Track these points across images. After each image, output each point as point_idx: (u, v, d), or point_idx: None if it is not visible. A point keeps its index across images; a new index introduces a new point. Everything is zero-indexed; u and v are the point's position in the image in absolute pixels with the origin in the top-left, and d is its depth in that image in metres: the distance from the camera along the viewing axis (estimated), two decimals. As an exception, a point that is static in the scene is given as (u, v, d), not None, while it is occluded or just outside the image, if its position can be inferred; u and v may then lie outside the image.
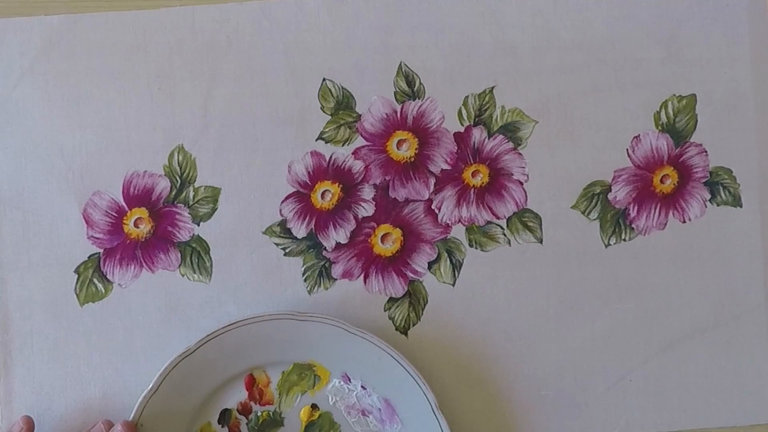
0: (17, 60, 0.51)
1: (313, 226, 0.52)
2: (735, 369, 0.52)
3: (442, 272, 0.52)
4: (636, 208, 0.52)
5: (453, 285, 0.52)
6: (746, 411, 0.52)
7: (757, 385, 0.52)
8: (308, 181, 0.52)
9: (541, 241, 0.52)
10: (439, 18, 0.52)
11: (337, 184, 0.52)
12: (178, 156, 0.51)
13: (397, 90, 0.52)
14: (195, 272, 0.51)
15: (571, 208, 0.52)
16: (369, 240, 0.52)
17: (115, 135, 0.51)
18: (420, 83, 0.52)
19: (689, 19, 0.53)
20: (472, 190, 0.52)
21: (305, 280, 0.51)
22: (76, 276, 0.51)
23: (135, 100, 0.51)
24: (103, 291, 0.51)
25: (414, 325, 0.51)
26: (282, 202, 0.51)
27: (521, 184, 0.52)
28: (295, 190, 0.52)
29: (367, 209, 0.52)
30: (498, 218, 0.52)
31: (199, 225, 0.51)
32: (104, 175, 0.51)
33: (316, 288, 0.51)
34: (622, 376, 0.52)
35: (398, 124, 0.52)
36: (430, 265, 0.52)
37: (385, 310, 0.51)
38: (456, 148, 0.52)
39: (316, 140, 0.52)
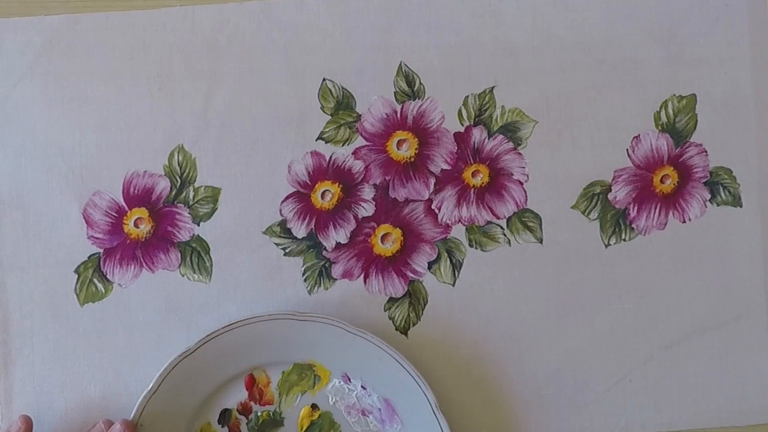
0: (17, 60, 0.51)
1: (313, 226, 0.52)
2: (735, 369, 0.52)
3: (442, 272, 0.52)
4: (636, 208, 0.52)
5: (453, 285, 0.52)
6: (746, 411, 0.52)
7: (757, 385, 0.52)
8: (308, 181, 0.52)
9: (541, 241, 0.52)
10: (439, 18, 0.52)
11: (337, 184, 0.52)
12: (178, 156, 0.51)
13: (397, 90, 0.52)
14: (195, 272, 0.51)
15: (571, 208, 0.52)
16: (369, 240, 0.52)
17: (115, 135, 0.51)
18: (420, 83, 0.52)
19: (689, 19, 0.53)
20: (472, 190, 0.52)
21: (305, 280, 0.51)
22: (76, 276, 0.51)
23: (135, 100, 0.51)
24: (103, 291, 0.51)
25: (414, 325, 0.51)
26: (282, 202, 0.51)
27: (521, 184, 0.52)
28: (295, 190, 0.52)
29: (367, 209, 0.52)
30: (498, 218, 0.52)
31: (199, 225, 0.51)
32: (104, 175, 0.51)
33: (316, 288, 0.51)
34: (622, 376, 0.52)
35: (398, 124, 0.52)
36: (430, 265, 0.52)
37: (385, 310, 0.51)
38: (456, 148, 0.52)
39: (316, 140, 0.52)
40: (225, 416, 0.50)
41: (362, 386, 0.50)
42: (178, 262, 0.51)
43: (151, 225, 0.51)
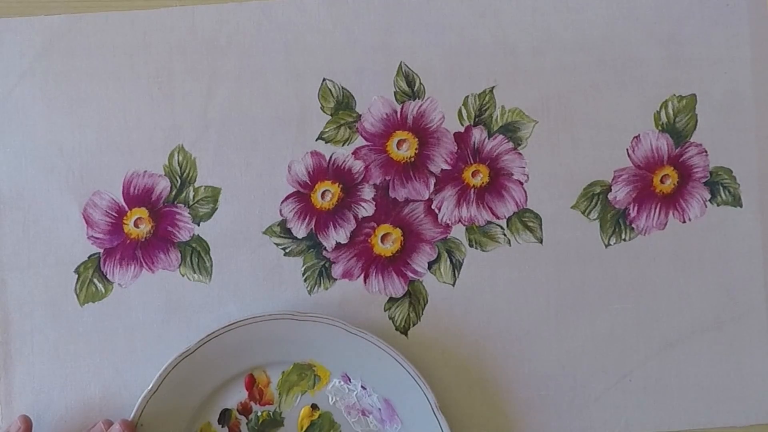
0: (17, 60, 0.51)
1: (313, 226, 0.52)
2: (735, 369, 0.52)
3: (442, 272, 0.52)
4: (636, 208, 0.52)
5: (453, 285, 0.52)
6: (746, 411, 0.52)
7: (757, 385, 0.52)
8: (308, 181, 0.52)
9: (541, 241, 0.52)
10: (439, 18, 0.52)
11: (337, 184, 0.52)
12: (178, 156, 0.51)
13: (397, 90, 0.52)
14: (195, 272, 0.51)
15: (571, 208, 0.52)
16: (369, 240, 0.52)
17: (115, 135, 0.51)
18: (420, 83, 0.52)
19: (689, 19, 0.53)
20: (472, 190, 0.52)
21: (305, 280, 0.51)
22: (76, 276, 0.51)
23: (135, 100, 0.51)
24: (103, 291, 0.51)
25: (414, 325, 0.51)
26: (282, 202, 0.51)
27: (521, 184, 0.52)
28: (295, 190, 0.52)
29: (367, 209, 0.52)
30: (498, 218, 0.52)
31: (199, 225, 0.51)
32: (104, 175, 0.51)
33: (316, 288, 0.51)
34: (622, 376, 0.52)
35: (398, 124, 0.52)
36: (430, 265, 0.52)
37: (385, 310, 0.51)
38: (456, 148, 0.52)
39: (316, 140, 0.52)
40: (225, 416, 0.50)
41: (362, 386, 0.50)
42: (178, 262, 0.51)
43: (151, 225, 0.51)
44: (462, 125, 0.52)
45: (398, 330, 0.51)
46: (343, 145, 0.52)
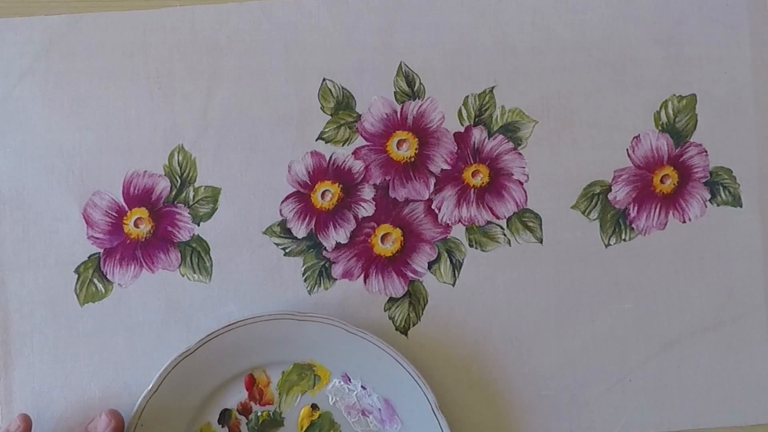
0: (17, 60, 0.51)
1: (313, 226, 0.52)
2: (735, 369, 0.52)
3: (442, 272, 0.52)
4: (636, 208, 0.52)
5: (453, 285, 0.52)
6: (746, 411, 0.52)
7: (757, 385, 0.52)
8: (308, 181, 0.52)
9: (541, 241, 0.52)
10: (439, 18, 0.52)
11: (337, 184, 0.52)
12: (178, 156, 0.51)
13: (397, 90, 0.52)
14: (195, 272, 0.51)
15: (571, 208, 0.52)
16: (369, 240, 0.52)
17: (115, 135, 0.51)
18: (420, 83, 0.52)
19: (689, 19, 0.53)
20: (472, 190, 0.52)
21: (305, 280, 0.51)
22: (76, 276, 0.51)
23: (135, 100, 0.51)
24: (103, 291, 0.51)
25: (414, 325, 0.52)
26: (282, 202, 0.52)
27: (521, 184, 0.52)
28: (295, 190, 0.52)
29: (367, 209, 0.52)
30: (498, 218, 0.52)
31: (199, 225, 0.51)
32: (104, 175, 0.51)
33: (316, 288, 0.51)
34: (622, 376, 0.52)
35: (398, 124, 0.52)
36: (430, 265, 0.52)
37: (385, 310, 0.51)
38: (456, 148, 0.52)
39: (316, 140, 0.52)
40: (225, 416, 0.50)
41: (362, 386, 0.50)
42: (178, 262, 0.51)
43: (151, 225, 0.51)
44: (462, 125, 0.52)
45: (398, 330, 0.51)
46: (343, 145, 0.52)
